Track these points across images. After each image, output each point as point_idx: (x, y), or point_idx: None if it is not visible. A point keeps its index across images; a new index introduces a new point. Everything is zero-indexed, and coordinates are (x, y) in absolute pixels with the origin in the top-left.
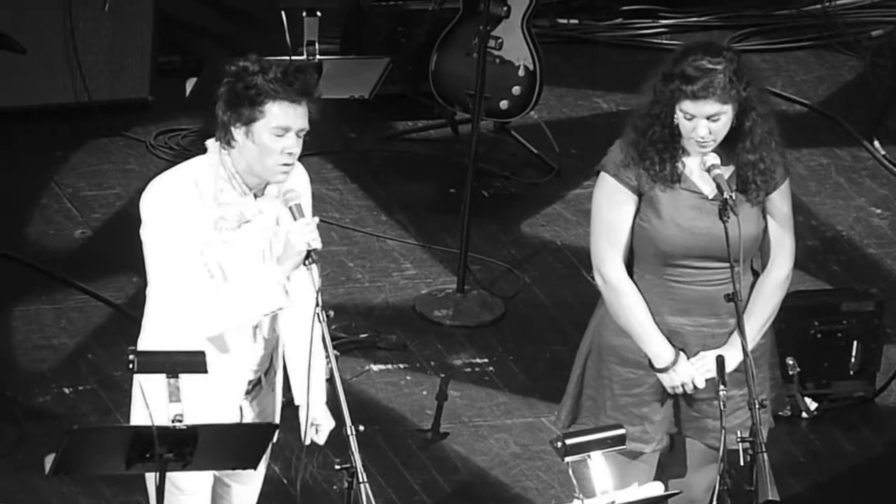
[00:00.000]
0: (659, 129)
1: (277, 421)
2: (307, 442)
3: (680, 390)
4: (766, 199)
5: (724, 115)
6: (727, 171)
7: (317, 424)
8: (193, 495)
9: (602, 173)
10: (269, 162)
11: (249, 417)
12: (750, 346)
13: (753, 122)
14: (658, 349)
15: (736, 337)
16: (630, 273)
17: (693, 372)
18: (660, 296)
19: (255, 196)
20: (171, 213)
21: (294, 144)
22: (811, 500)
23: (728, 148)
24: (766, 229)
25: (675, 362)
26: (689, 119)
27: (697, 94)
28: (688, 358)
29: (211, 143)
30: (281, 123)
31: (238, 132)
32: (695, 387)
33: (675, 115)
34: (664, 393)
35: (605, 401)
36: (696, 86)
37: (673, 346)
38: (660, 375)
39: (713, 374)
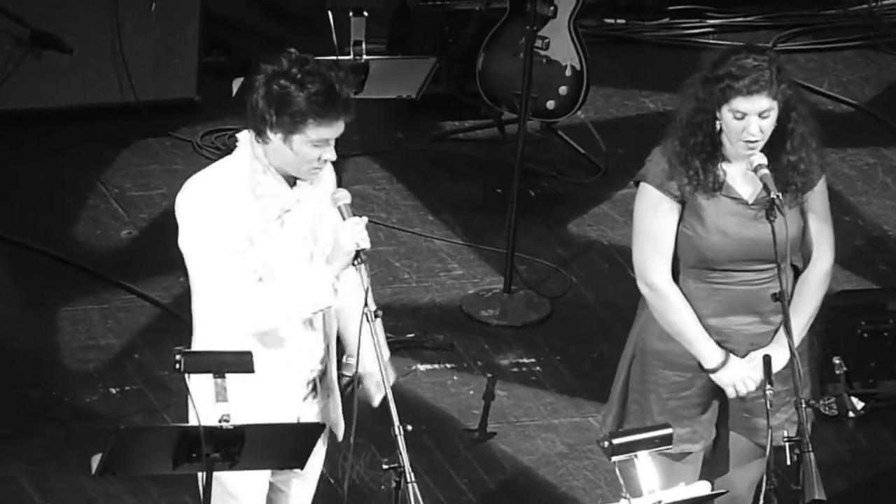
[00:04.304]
0: (701, 137)
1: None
2: (375, 404)
3: (742, 389)
4: (803, 198)
5: (773, 111)
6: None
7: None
8: (246, 502)
9: (643, 184)
10: (304, 168)
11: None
12: (796, 343)
13: (795, 123)
14: (707, 350)
15: (781, 335)
16: (674, 279)
17: (749, 370)
18: (704, 300)
19: (291, 186)
20: (207, 214)
21: (331, 152)
22: (858, 499)
23: (768, 150)
24: (804, 228)
25: (725, 362)
26: (740, 118)
27: (750, 88)
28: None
29: (244, 136)
30: (321, 138)
31: (276, 136)
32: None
33: (718, 122)
34: (712, 392)
35: (651, 405)
36: (747, 80)
37: (722, 348)
38: (713, 377)
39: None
